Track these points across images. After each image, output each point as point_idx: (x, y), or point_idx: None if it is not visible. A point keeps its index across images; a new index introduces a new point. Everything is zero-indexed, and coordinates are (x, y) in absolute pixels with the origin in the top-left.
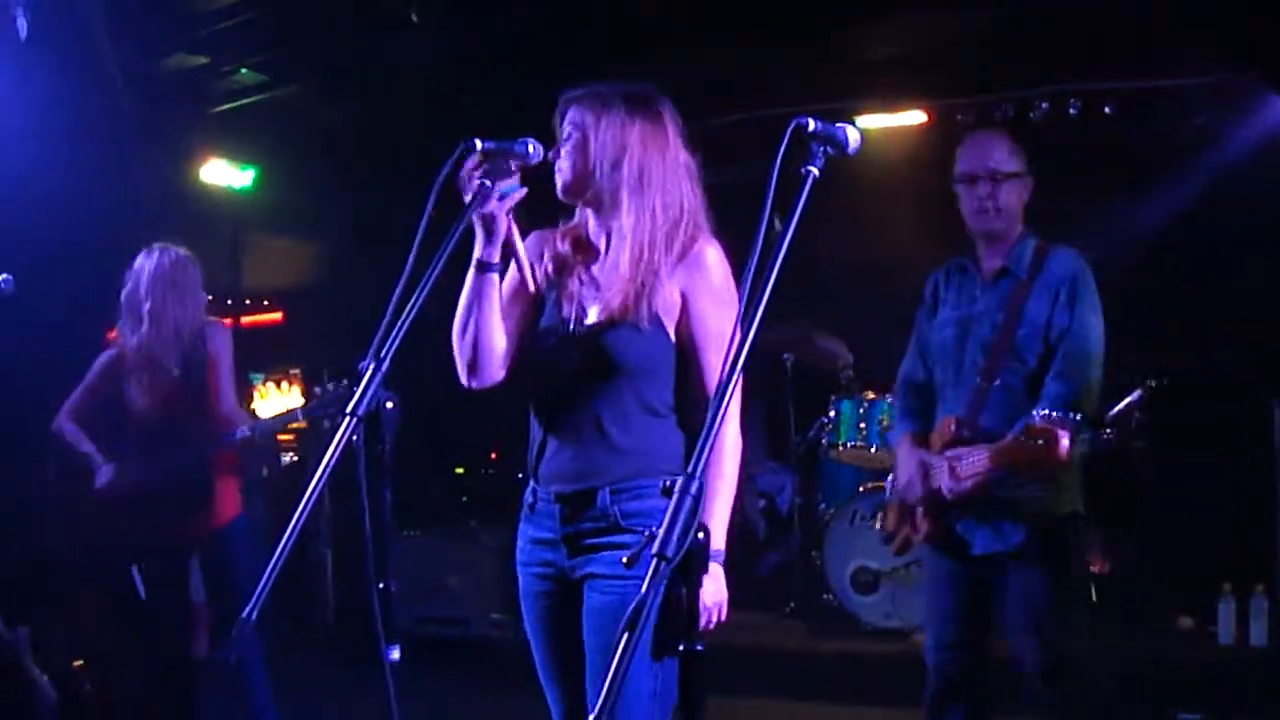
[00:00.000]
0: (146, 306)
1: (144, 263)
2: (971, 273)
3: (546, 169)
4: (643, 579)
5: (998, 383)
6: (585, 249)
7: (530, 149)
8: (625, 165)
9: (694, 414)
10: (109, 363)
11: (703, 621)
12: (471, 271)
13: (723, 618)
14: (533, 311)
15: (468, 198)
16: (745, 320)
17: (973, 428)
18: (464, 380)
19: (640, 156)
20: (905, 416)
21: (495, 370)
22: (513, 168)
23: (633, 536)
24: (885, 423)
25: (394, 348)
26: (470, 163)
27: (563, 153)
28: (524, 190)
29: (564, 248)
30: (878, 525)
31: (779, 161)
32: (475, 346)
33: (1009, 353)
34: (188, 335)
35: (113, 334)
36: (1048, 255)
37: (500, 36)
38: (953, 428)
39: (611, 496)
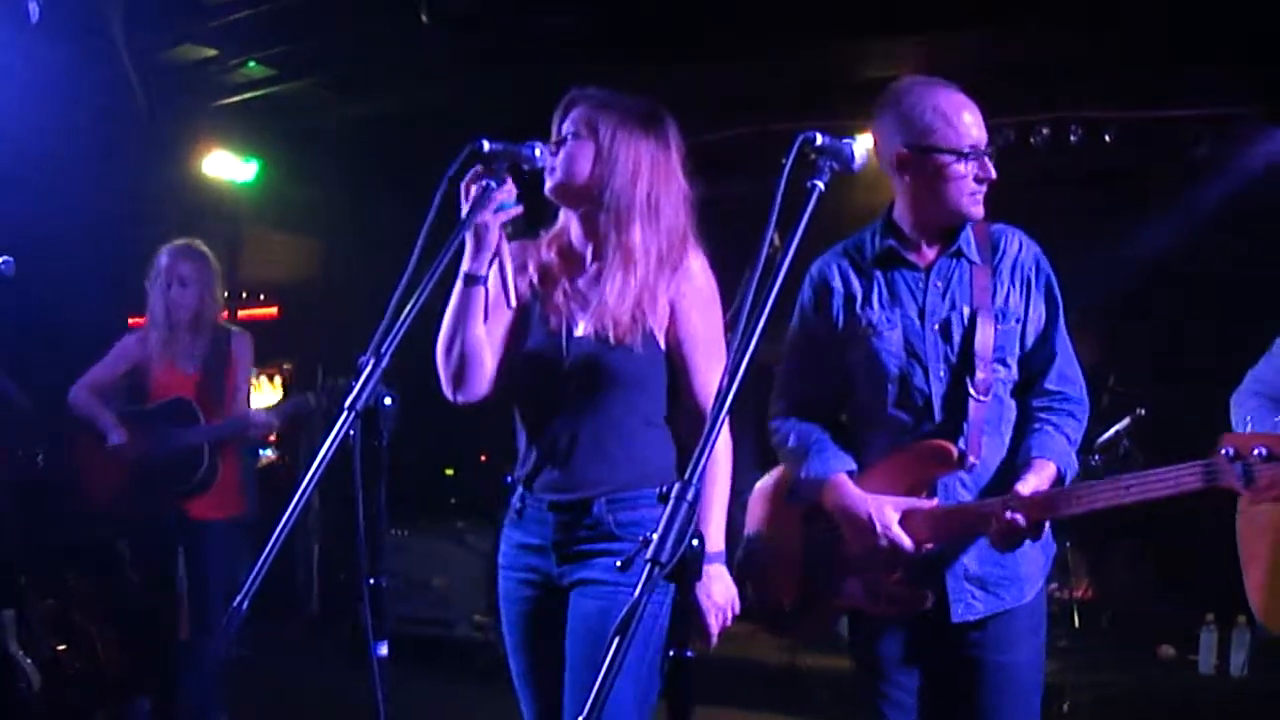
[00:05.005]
0: (162, 302)
1: (161, 257)
2: (903, 258)
3: (538, 175)
4: (634, 586)
5: (989, 398)
6: (570, 259)
7: (537, 152)
8: (637, 186)
9: (685, 422)
10: (130, 345)
11: (714, 621)
12: (459, 284)
13: (731, 618)
14: (514, 324)
15: (468, 199)
16: (746, 333)
17: (976, 457)
18: (449, 395)
19: (651, 179)
20: (825, 450)
21: (482, 385)
22: (510, 179)
23: (627, 544)
24: None
25: (394, 344)
26: (474, 168)
27: (562, 151)
28: (520, 208)
29: (549, 257)
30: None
31: (786, 174)
32: (462, 361)
33: (992, 357)
34: (206, 329)
35: (138, 321)
36: (994, 233)
37: (507, 39)
38: (954, 455)
39: (607, 505)
